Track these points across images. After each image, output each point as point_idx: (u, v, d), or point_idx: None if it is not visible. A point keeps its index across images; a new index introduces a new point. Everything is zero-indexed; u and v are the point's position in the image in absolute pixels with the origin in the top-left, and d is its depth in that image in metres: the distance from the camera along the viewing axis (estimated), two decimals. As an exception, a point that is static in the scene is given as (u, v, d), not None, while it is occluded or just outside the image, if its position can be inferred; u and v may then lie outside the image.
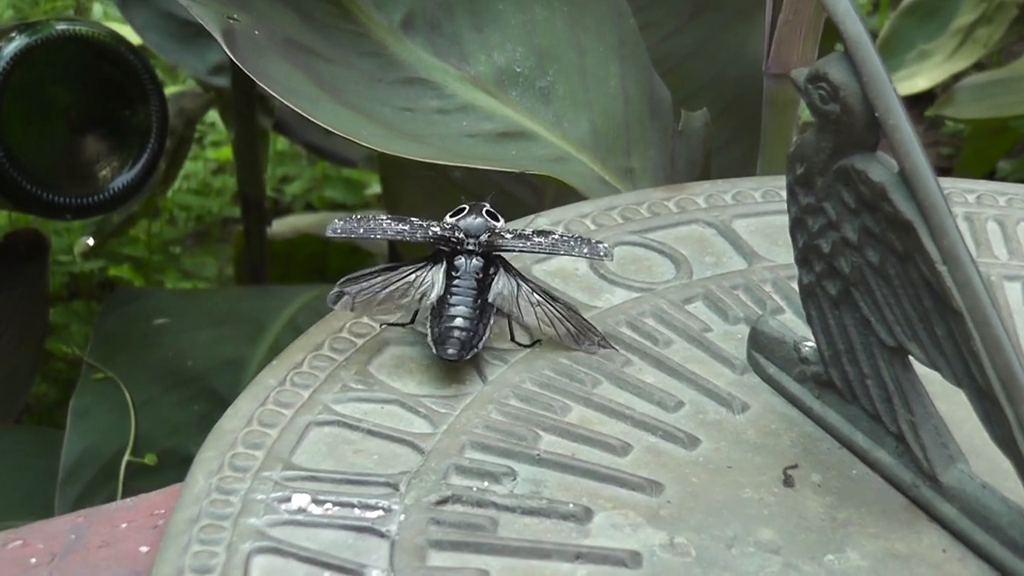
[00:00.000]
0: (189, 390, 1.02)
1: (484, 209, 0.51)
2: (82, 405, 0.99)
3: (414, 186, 1.06)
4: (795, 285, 0.51)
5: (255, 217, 1.20)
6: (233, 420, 0.45)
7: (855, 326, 0.44)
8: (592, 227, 0.55)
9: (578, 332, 0.49)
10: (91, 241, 1.46)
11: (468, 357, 0.48)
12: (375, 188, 1.65)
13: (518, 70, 0.67)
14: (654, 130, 0.69)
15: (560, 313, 0.49)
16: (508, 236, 0.51)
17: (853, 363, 0.44)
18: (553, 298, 0.50)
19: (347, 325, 0.50)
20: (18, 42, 0.91)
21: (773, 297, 0.52)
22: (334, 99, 0.62)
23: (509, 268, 0.50)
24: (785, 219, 0.55)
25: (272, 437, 0.45)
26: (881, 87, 0.41)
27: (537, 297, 0.49)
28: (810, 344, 0.46)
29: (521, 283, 0.50)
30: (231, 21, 0.60)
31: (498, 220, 0.51)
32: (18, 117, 0.92)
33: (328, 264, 1.48)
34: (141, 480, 0.97)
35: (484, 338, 0.48)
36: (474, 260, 0.50)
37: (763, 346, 0.48)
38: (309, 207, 1.70)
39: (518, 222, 0.55)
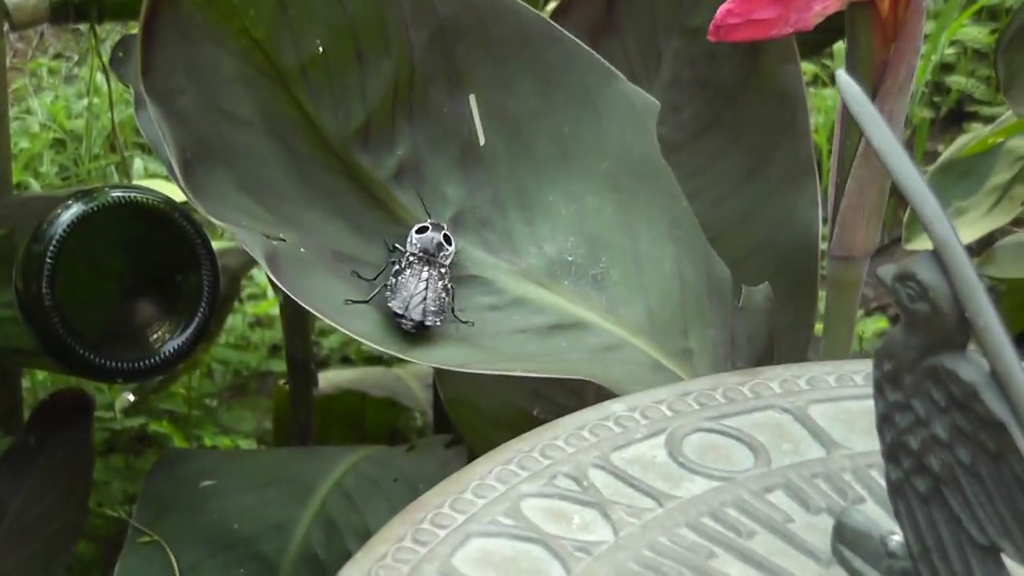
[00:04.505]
0: (235, 554, 1.02)
1: (443, 233, 0.67)
2: (128, 569, 0.99)
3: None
4: (875, 474, 0.52)
5: (302, 378, 1.20)
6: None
7: (945, 523, 0.44)
8: (668, 413, 0.55)
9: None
10: (132, 397, 1.46)
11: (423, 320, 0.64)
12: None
13: (570, 259, 0.67)
14: (713, 309, 0.69)
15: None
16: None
17: (944, 560, 0.44)
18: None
19: (428, 516, 0.49)
20: (75, 210, 0.92)
21: (854, 486, 0.52)
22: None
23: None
24: (861, 404, 0.55)
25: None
26: (971, 288, 0.41)
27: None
28: (897, 538, 0.46)
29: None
30: (276, 242, 0.61)
31: (451, 245, 0.67)
32: (72, 282, 0.92)
33: (366, 419, 1.48)
34: (188, 646, 0.96)
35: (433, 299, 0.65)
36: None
37: (848, 539, 0.48)
38: (345, 360, 1.70)
39: (571, 417, 0.55)
